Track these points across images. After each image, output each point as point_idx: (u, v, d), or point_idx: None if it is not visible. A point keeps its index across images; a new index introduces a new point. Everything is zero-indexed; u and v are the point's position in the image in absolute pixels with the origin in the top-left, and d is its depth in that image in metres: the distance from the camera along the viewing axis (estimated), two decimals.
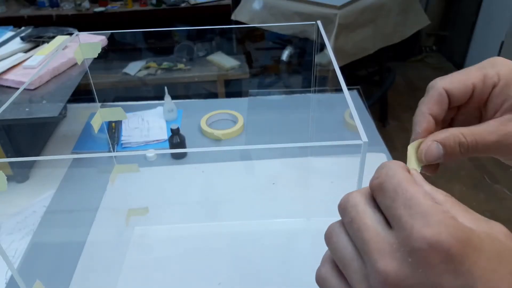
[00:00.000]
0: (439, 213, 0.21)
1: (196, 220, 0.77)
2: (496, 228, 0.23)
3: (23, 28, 1.04)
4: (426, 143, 0.31)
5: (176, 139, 0.92)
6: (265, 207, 0.78)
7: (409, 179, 0.24)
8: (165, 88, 1.06)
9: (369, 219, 0.24)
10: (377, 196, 0.25)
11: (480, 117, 0.34)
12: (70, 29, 1.01)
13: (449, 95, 0.32)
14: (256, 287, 0.64)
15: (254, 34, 2.53)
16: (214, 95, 2.20)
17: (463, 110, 0.34)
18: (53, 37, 0.96)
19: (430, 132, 0.32)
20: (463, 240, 0.21)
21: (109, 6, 2.55)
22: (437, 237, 0.20)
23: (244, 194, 0.83)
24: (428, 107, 0.32)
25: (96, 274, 0.68)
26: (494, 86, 0.32)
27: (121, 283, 0.66)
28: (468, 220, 0.23)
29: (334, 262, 0.26)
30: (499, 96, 0.32)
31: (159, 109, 1.11)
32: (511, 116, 0.31)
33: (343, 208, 0.26)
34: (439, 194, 0.25)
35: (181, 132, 0.94)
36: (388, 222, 0.24)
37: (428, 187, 0.26)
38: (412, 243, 0.21)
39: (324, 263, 0.27)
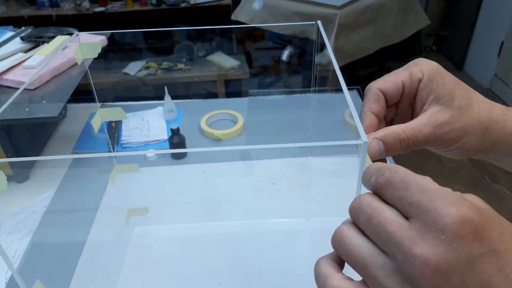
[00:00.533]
0: (451, 194, 0.23)
1: (196, 220, 0.77)
2: (475, 200, 0.25)
3: (23, 28, 1.04)
4: (369, 139, 0.33)
5: (176, 139, 0.92)
6: (265, 207, 0.78)
7: (412, 172, 0.25)
8: (165, 88, 1.06)
9: (387, 212, 0.25)
10: (386, 192, 0.26)
11: (412, 114, 0.37)
12: (70, 29, 1.01)
13: (384, 94, 0.36)
14: (256, 287, 0.64)
15: (254, 34, 2.53)
16: (214, 95, 2.20)
17: (399, 109, 0.38)
18: (53, 37, 0.96)
19: (374, 128, 0.35)
20: (481, 213, 0.23)
21: (109, 6, 2.55)
22: (464, 211, 0.22)
23: (244, 194, 0.83)
24: (368, 106, 0.36)
25: (96, 274, 0.68)
26: (419, 81, 0.35)
27: (121, 283, 0.66)
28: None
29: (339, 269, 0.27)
30: (424, 89, 0.35)
31: (159, 109, 1.11)
32: (438, 107, 0.34)
33: (357, 208, 0.26)
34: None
35: (181, 132, 0.94)
36: (402, 215, 0.24)
37: None
38: (442, 221, 0.22)
39: (332, 274, 0.27)
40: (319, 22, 0.54)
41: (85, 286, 0.66)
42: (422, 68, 0.36)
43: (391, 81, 0.36)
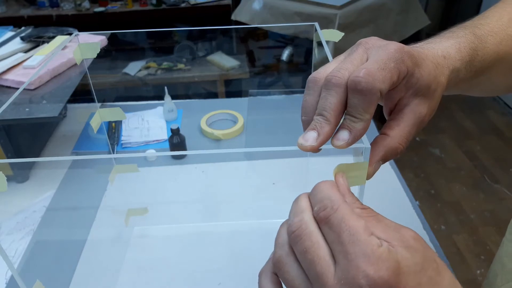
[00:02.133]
0: (375, 251, 0.25)
1: (196, 220, 0.77)
2: (407, 235, 0.27)
3: (23, 28, 1.04)
4: (371, 166, 0.33)
5: (176, 139, 0.92)
6: (265, 207, 0.78)
7: (350, 213, 0.27)
8: (165, 88, 1.06)
9: (321, 251, 0.27)
10: (323, 228, 0.28)
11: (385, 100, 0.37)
12: (70, 29, 1.01)
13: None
14: (256, 287, 0.64)
15: (254, 34, 2.53)
16: (214, 95, 2.20)
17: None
18: (53, 37, 0.96)
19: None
20: (395, 270, 0.25)
21: (109, 6, 2.55)
22: (381, 274, 0.25)
23: (244, 194, 0.83)
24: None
25: (96, 274, 0.68)
26: (403, 78, 0.34)
27: (121, 283, 0.66)
28: (381, 231, 0.27)
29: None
30: (405, 85, 0.34)
31: (159, 109, 1.11)
32: (417, 99, 0.35)
33: (298, 235, 0.28)
34: (359, 209, 0.29)
35: (181, 132, 0.94)
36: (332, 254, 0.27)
37: (350, 198, 0.30)
38: (359, 280, 0.25)
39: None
40: (316, 24, 0.54)
41: (85, 286, 0.66)
42: (407, 64, 0.33)
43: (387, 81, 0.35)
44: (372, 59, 0.32)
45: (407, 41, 0.38)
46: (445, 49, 0.38)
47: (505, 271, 0.50)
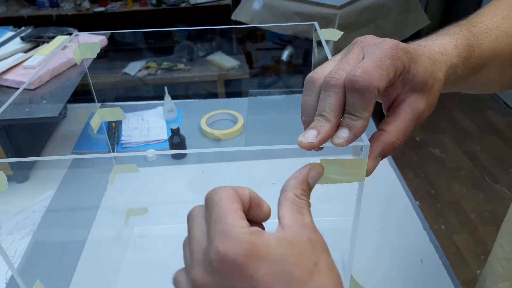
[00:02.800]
0: (235, 230, 0.26)
1: None
2: (302, 232, 0.28)
3: (23, 28, 1.04)
4: (370, 162, 0.33)
5: (176, 139, 0.92)
6: None
7: (226, 197, 0.29)
8: (165, 88, 1.06)
9: (197, 231, 0.29)
10: (205, 210, 0.30)
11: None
12: (70, 29, 1.01)
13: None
14: None
15: (254, 34, 2.53)
16: (214, 95, 2.20)
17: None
18: (53, 37, 0.96)
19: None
20: (246, 251, 0.26)
21: (109, 6, 2.55)
22: (226, 251, 0.26)
23: None
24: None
25: (96, 274, 0.68)
26: (399, 75, 0.35)
27: (120, 283, 0.66)
28: (288, 219, 0.29)
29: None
30: (402, 81, 0.34)
31: (159, 109, 1.11)
32: (415, 95, 0.35)
33: (188, 216, 0.32)
34: (292, 194, 0.31)
35: (181, 132, 0.94)
36: None
37: (294, 182, 0.32)
38: (211, 255, 0.26)
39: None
40: (316, 24, 0.54)
41: (85, 286, 0.66)
42: (403, 60, 0.33)
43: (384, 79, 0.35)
44: (368, 57, 0.32)
45: (407, 41, 0.38)
46: (442, 46, 0.38)
47: (493, 273, 0.50)
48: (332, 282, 0.27)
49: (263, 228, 0.31)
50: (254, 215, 0.31)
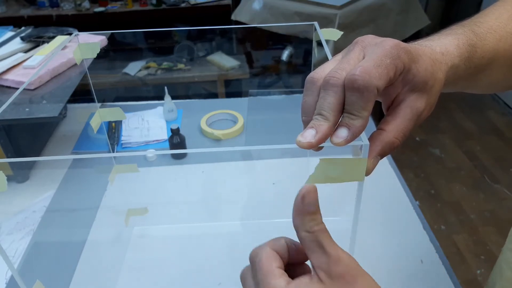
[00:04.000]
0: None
1: (196, 220, 0.77)
2: (334, 266, 0.29)
3: (23, 28, 1.04)
4: (369, 161, 0.33)
5: (176, 139, 0.92)
6: (265, 207, 0.78)
7: (266, 257, 0.31)
8: (165, 88, 1.06)
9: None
10: (252, 269, 0.32)
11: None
12: (70, 29, 1.01)
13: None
14: None
15: (254, 34, 2.53)
16: (214, 95, 2.20)
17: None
18: (53, 37, 0.96)
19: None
20: None
21: (109, 6, 2.55)
22: None
23: (244, 194, 0.83)
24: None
25: (96, 274, 0.68)
26: (399, 74, 0.34)
27: (120, 283, 0.66)
28: (314, 257, 0.30)
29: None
30: (401, 81, 0.34)
31: (159, 109, 1.11)
32: (414, 95, 0.35)
33: (240, 278, 0.34)
34: (306, 232, 0.31)
35: (181, 132, 0.94)
36: None
37: (306, 218, 0.32)
38: None
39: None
40: (316, 24, 0.54)
41: (85, 286, 0.66)
42: (403, 60, 0.33)
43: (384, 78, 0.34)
44: (369, 56, 0.32)
45: (407, 41, 0.38)
46: (443, 46, 0.38)
47: (503, 279, 0.50)
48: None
49: (306, 267, 0.34)
50: (295, 259, 0.33)
